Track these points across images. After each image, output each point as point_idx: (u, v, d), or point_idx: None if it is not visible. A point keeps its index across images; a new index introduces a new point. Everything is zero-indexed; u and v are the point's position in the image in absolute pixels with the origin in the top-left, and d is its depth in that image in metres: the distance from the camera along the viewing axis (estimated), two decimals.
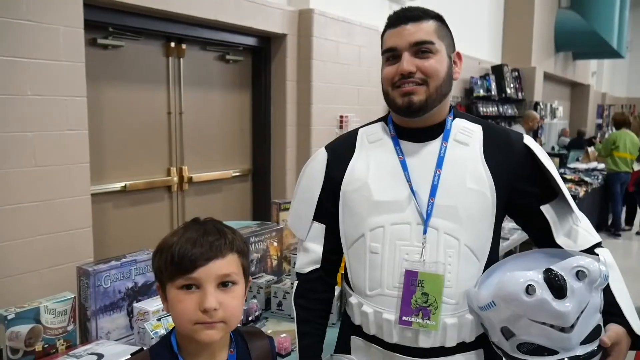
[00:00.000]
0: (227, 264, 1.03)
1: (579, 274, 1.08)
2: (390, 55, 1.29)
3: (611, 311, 1.18)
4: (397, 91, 1.27)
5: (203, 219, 1.10)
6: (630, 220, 7.94)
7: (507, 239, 3.64)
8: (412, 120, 1.30)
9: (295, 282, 1.44)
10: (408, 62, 1.25)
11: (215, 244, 1.03)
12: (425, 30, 1.26)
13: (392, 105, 1.31)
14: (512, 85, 8.17)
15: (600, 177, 7.29)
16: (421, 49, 1.25)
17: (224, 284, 1.03)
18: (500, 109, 7.88)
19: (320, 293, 1.42)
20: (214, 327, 1.01)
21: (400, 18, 1.28)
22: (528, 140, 1.33)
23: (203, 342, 1.03)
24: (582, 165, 8.17)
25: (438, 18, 1.30)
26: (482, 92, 7.31)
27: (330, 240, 1.39)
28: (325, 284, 1.43)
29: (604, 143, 7.46)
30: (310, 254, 1.41)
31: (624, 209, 7.90)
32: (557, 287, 1.07)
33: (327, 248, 1.40)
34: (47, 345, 1.59)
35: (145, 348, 1.60)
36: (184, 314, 1.00)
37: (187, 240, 1.02)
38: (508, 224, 3.77)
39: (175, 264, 1.01)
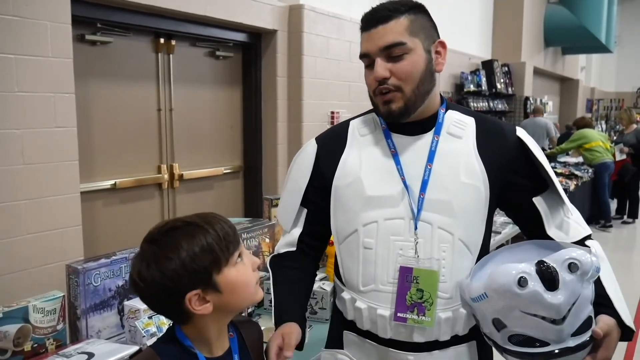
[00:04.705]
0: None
1: (571, 266, 1.08)
2: (366, 61, 1.28)
3: (601, 302, 1.18)
4: (379, 98, 1.27)
5: (175, 219, 1.05)
6: (620, 211, 8.06)
7: (499, 232, 3.65)
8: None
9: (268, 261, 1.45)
10: (381, 68, 1.23)
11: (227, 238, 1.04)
12: (394, 31, 1.21)
13: (377, 111, 1.32)
14: (502, 80, 8.19)
15: (590, 170, 7.35)
16: (392, 53, 1.22)
17: None
18: (491, 104, 7.91)
19: (297, 263, 1.40)
20: None
21: (369, 22, 1.25)
22: (521, 132, 1.32)
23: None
24: (571, 159, 8.23)
25: (412, 11, 1.24)
26: (472, 88, 7.33)
27: (310, 224, 1.39)
28: (298, 260, 1.40)
29: (570, 141, 7.63)
30: (287, 237, 1.42)
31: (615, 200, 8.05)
32: (549, 279, 1.07)
33: (305, 231, 1.39)
34: (36, 345, 1.57)
35: (140, 347, 1.58)
36: (250, 282, 1.06)
37: (213, 230, 1.02)
38: (500, 218, 3.78)
39: (226, 243, 1.02)
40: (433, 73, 1.28)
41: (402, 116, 1.25)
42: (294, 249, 1.40)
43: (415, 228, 1.23)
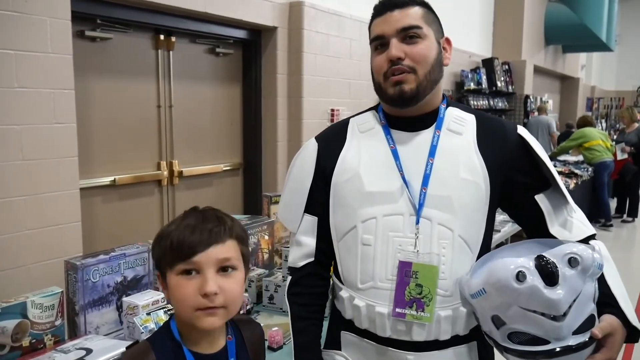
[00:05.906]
0: (227, 250, 1.04)
1: (572, 261, 1.06)
2: (379, 43, 1.28)
3: (607, 302, 1.16)
4: (388, 82, 1.25)
5: (202, 207, 1.10)
6: (620, 210, 8.07)
7: (499, 230, 3.64)
8: (405, 109, 1.28)
9: (289, 278, 1.40)
10: (396, 48, 1.23)
11: (215, 230, 1.03)
12: (412, 15, 1.24)
13: (384, 97, 1.29)
14: (502, 78, 8.19)
15: (589, 169, 7.34)
16: (409, 34, 1.23)
17: (223, 269, 1.03)
18: (491, 102, 7.91)
19: (316, 287, 1.38)
20: (215, 313, 1.01)
21: (386, 6, 1.27)
22: (522, 130, 1.31)
23: (204, 329, 1.03)
24: (571, 158, 8.24)
25: (424, 5, 1.29)
26: (472, 86, 7.33)
27: (322, 232, 1.36)
28: (320, 277, 1.38)
29: (570, 140, 7.64)
30: (303, 248, 1.37)
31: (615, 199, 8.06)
32: (548, 273, 1.05)
33: (320, 240, 1.37)
34: (34, 341, 1.56)
35: (138, 341, 1.58)
36: (184, 300, 1.00)
37: (186, 227, 1.03)
38: (499, 216, 3.77)
39: (174, 250, 1.01)
40: (442, 64, 1.30)
41: (412, 99, 1.24)
42: (312, 259, 1.37)
43: (417, 222, 1.22)
